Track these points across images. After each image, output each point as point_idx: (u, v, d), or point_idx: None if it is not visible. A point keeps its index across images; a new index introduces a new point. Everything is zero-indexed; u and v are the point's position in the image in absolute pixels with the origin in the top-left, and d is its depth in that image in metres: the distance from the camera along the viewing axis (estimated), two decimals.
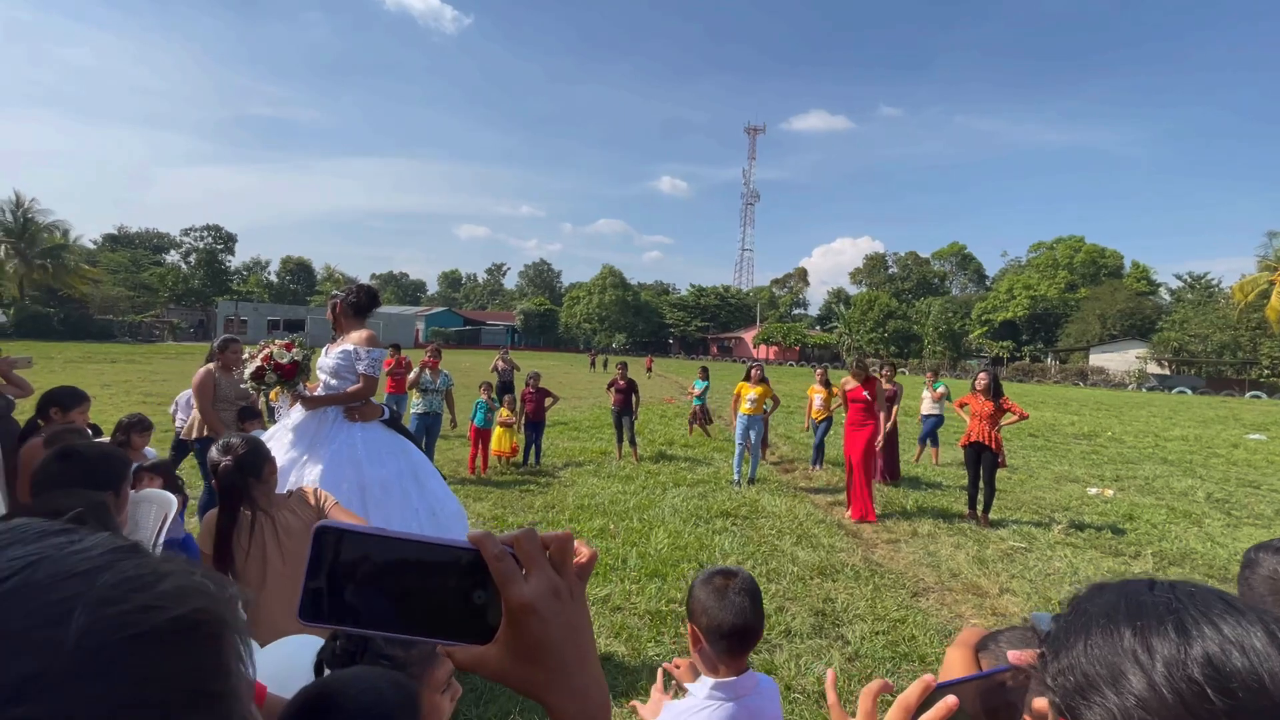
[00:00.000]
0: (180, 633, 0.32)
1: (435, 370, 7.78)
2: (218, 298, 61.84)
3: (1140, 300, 56.19)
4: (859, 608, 4.35)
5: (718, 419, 12.49)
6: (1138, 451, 12.56)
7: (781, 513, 6.63)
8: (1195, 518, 7.32)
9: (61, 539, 0.32)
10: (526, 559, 0.49)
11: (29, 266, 40.61)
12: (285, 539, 2.16)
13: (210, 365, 4.94)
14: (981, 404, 6.74)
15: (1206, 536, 6.58)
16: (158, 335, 47.60)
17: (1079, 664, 0.51)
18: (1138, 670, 0.47)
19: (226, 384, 4.90)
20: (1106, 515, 7.22)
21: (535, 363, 35.93)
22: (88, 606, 0.29)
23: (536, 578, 0.48)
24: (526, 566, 0.48)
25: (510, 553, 0.48)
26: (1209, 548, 6.17)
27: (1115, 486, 8.88)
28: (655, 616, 4.05)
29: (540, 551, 0.49)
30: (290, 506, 2.27)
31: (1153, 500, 8.15)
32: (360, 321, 3.32)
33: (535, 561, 0.49)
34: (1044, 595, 4.77)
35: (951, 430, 13.57)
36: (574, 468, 8.57)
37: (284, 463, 2.88)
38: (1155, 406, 26.30)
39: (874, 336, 62.21)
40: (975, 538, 6.12)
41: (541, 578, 0.48)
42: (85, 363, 22.17)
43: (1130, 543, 6.21)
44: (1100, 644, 0.50)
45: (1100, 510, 7.44)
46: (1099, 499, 8.10)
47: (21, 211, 41.17)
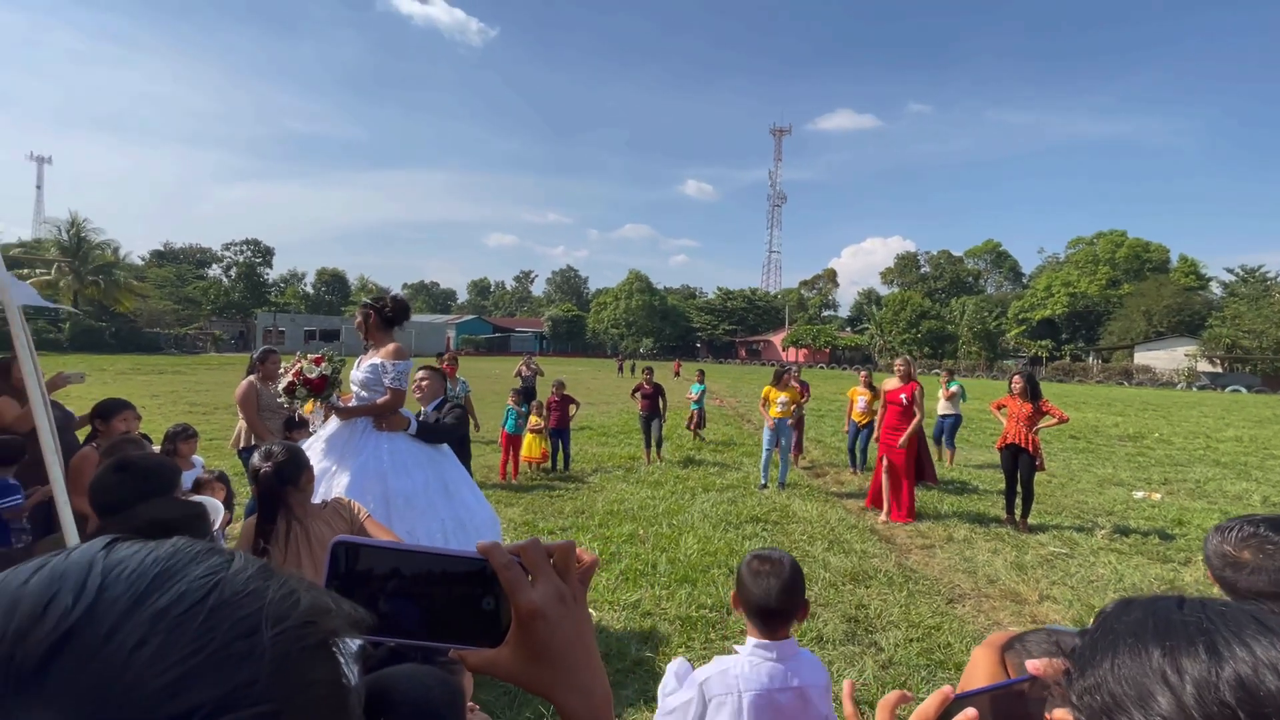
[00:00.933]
0: (327, 645, 0.36)
1: (453, 378, 7.91)
2: (257, 309, 63.90)
3: (1189, 295, 53.98)
4: (893, 614, 4.28)
5: (746, 424, 12.41)
6: (1188, 454, 12.06)
7: (813, 518, 6.56)
8: None
9: (219, 559, 0.36)
10: (533, 567, 0.52)
11: (82, 283, 42.59)
12: (318, 550, 2.21)
13: (252, 377, 5.12)
14: (1019, 406, 6.58)
15: None
16: (201, 347, 49.37)
17: (1105, 683, 0.50)
18: (1166, 691, 0.46)
19: (268, 394, 5.07)
20: (1154, 520, 6.96)
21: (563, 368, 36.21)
22: (268, 622, 0.33)
23: (543, 584, 0.52)
24: (533, 574, 0.52)
25: (517, 561, 0.52)
26: None
27: (1163, 490, 8.54)
28: (685, 622, 4.04)
29: (545, 559, 0.53)
30: (325, 518, 2.31)
31: (1204, 505, 7.81)
32: (390, 333, 3.39)
33: (541, 569, 0.52)
34: (1086, 603, 4.62)
35: (988, 433, 13.25)
36: (603, 473, 8.61)
37: (316, 473, 2.97)
38: (1207, 406, 25.21)
39: (907, 337, 60.97)
40: (1013, 543, 5.96)
41: (548, 584, 0.52)
42: (134, 374, 23.13)
43: (1180, 549, 5.97)
44: (1128, 663, 0.49)
45: (1147, 515, 7.17)
46: (1146, 503, 7.80)
47: (75, 231, 43.23)
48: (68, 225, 43.22)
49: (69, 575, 0.32)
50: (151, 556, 0.34)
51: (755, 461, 9.27)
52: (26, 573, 0.32)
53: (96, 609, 0.30)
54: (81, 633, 0.29)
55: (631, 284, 75.67)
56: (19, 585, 0.31)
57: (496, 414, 9.07)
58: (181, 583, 0.32)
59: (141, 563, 0.33)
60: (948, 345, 61.36)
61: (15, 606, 0.30)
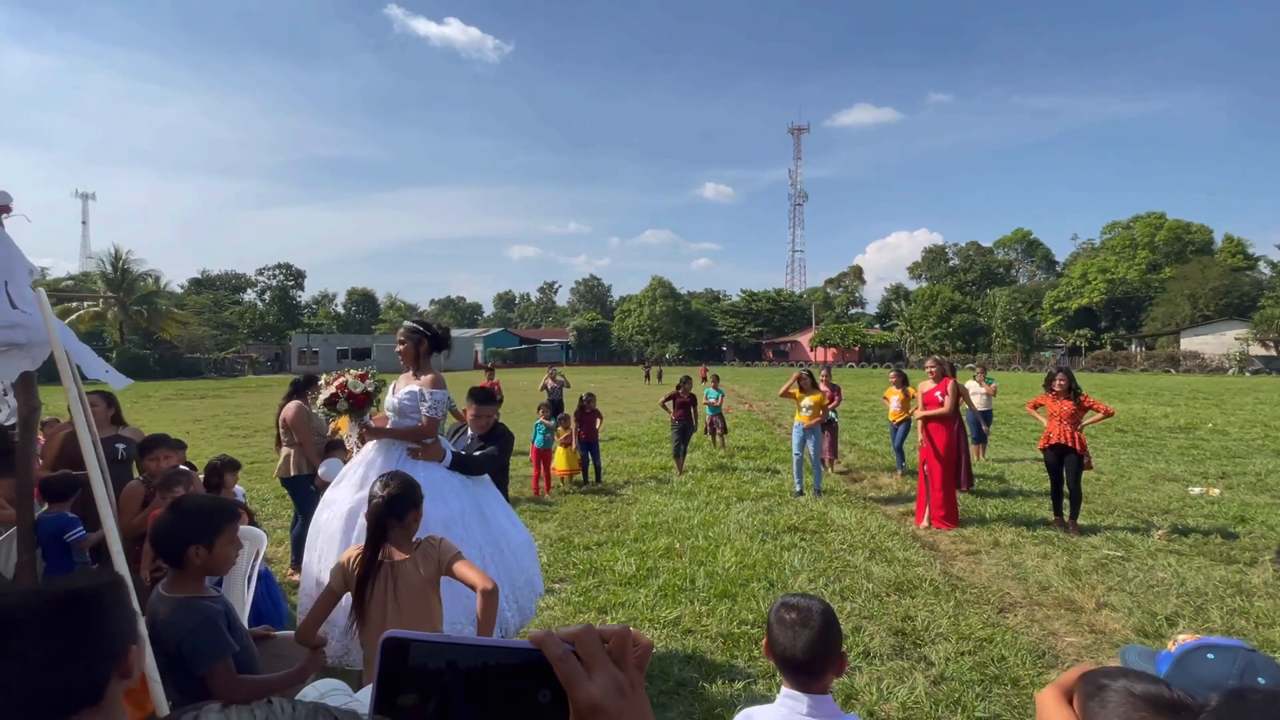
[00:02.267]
0: None
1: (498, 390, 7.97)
2: (291, 331, 65.65)
3: (1236, 276, 51.79)
4: (941, 626, 4.15)
5: (777, 428, 12.25)
6: (1245, 444, 11.51)
7: (852, 525, 6.42)
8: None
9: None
10: (588, 657, 0.50)
11: (127, 313, 44.34)
12: (404, 595, 2.22)
13: (301, 400, 5.24)
14: (1059, 404, 6.36)
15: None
16: (239, 370, 50.91)
17: None
18: None
19: (315, 419, 5.19)
20: (1214, 517, 6.64)
21: (590, 377, 36.37)
22: None
23: (600, 676, 0.50)
24: (589, 665, 0.50)
25: (572, 650, 0.50)
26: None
27: (1221, 485, 8.16)
28: (728, 639, 3.97)
29: (601, 648, 0.51)
30: (415, 558, 2.29)
31: (1267, 499, 7.43)
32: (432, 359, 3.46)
33: (597, 659, 0.50)
34: (1148, 610, 4.41)
35: (1028, 430, 12.83)
36: (635, 484, 8.57)
37: (353, 503, 3.00)
38: (1262, 392, 24.08)
39: (938, 332, 59.73)
40: (1064, 546, 5.74)
41: (605, 676, 0.50)
42: (178, 399, 23.94)
43: (1245, 548, 5.68)
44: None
45: (1206, 512, 6.85)
46: (1203, 499, 7.45)
47: (120, 263, 45.07)
48: (111, 258, 45.07)
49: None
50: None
51: (789, 468, 9.15)
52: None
53: None
54: None
55: (655, 290, 75.71)
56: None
57: (525, 428, 9.11)
58: None
59: None
60: (981, 339, 59.89)
61: None
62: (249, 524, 3.61)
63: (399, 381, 3.44)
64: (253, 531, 3.32)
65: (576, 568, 5.32)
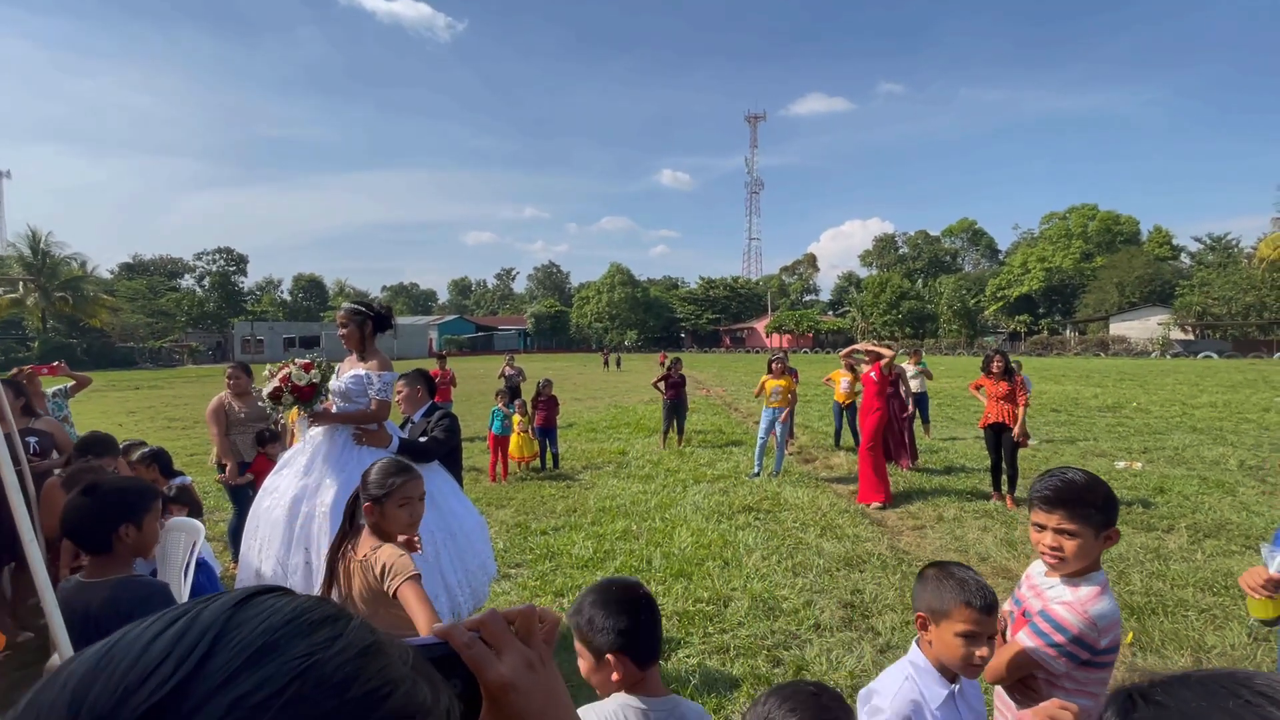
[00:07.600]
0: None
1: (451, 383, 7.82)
2: (234, 319, 62.78)
3: (1159, 265, 55.00)
4: (888, 598, 4.31)
5: (733, 413, 12.44)
6: (1165, 421, 12.32)
7: (804, 504, 6.59)
8: (1229, 487, 7.16)
9: (329, 631, 0.35)
10: (495, 640, 0.51)
11: (49, 300, 41.48)
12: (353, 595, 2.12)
13: (223, 393, 5.03)
14: (997, 385, 6.69)
15: (1241, 506, 6.43)
16: (178, 360, 48.44)
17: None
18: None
19: (239, 408, 4.97)
20: (1136, 489, 7.09)
21: (548, 364, 36.07)
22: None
23: (509, 655, 0.51)
24: (496, 646, 0.51)
25: (478, 636, 0.51)
26: (1244, 517, 6.03)
27: (1144, 459, 8.72)
28: (683, 617, 4.04)
29: (506, 630, 0.52)
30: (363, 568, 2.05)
31: (1183, 471, 7.98)
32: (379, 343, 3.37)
33: (504, 640, 0.52)
34: None
35: (971, 410, 13.40)
36: (593, 469, 8.58)
37: (296, 491, 2.90)
38: (1181, 374, 25.78)
39: (888, 318, 61.56)
40: (1002, 519, 6.04)
41: (513, 654, 0.51)
42: (110, 391, 22.60)
43: (1163, 516, 6.10)
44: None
45: (1129, 484, 7.31)
46: (1128, 472, 7.95)
47: (39, 245, 42.04)
48: (29, 240, 42.01)
49: (187, 637, 0.32)
50: (264, 625, 0.34)
51: (745, 451, 9.30)
52: (161, 625, 0.33)
53: (190, 685, 0.31)
54: (166, 711, 0.30)
55: (613, 277, 75.45)
56: (149, 640, 0.32)
57: (483, 415, 8.99)
58: (275, 663, 0.32)
59: (254, 630, 0.33)
60: (928, 325, 62.06)
61: (131, 667, 0.31)
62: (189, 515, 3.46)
63: (343, 365, 3.34)
64: (189, 522, 3.18)
65: (533, 552, 5.30)
